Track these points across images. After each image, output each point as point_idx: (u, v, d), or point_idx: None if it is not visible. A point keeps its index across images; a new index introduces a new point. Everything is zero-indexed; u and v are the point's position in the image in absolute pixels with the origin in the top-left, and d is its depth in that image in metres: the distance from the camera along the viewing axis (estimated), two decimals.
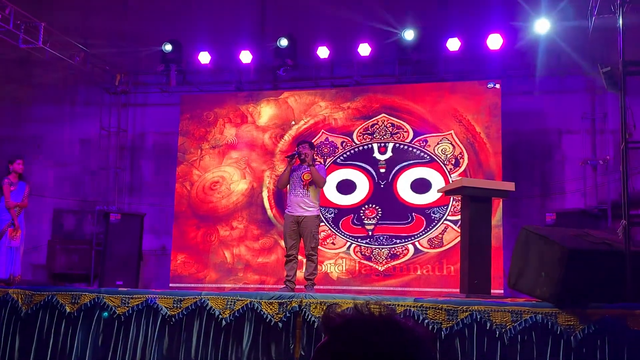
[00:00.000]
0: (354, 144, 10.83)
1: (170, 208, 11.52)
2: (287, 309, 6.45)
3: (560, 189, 10.56)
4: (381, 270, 10.35)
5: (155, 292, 7.23)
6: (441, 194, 9.00)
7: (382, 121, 10.76)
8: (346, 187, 10.75)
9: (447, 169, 10.37)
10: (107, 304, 6.96)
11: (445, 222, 10.23)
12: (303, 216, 7.85)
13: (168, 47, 11.62)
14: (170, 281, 11.00)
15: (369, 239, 10.50)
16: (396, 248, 10.34)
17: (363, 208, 10.61)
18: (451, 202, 10.13)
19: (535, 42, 10.25)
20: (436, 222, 10.27)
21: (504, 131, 10.29)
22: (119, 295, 7.01)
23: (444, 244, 10.19)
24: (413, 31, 10.64)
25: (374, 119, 10.81)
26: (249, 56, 11.36)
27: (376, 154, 10.72)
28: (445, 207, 10.24)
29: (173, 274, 11.10)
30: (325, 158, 10.78)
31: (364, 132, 10.83)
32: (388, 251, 10.37)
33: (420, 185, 10.44)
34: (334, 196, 10.71)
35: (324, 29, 11.28)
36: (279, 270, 9.67)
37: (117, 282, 9.66)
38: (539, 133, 10.74)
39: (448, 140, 10.45)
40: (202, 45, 11.56)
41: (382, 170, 10.64)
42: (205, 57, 11.53)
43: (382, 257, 10.37)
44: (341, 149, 10.86)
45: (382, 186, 10.59)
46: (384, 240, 10.42)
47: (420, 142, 10.55)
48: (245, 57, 11.36)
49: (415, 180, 10.49)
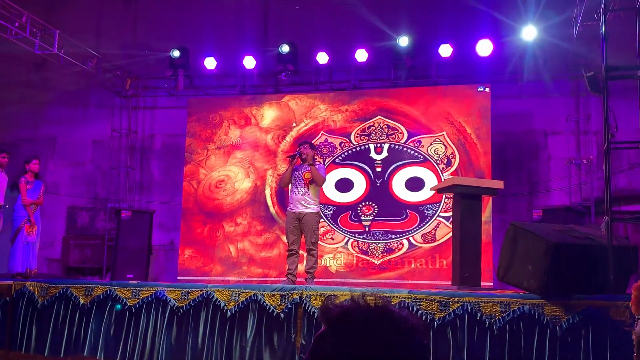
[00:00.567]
0: (352, 145, 10.82)
1: (178, 205, 11.52)
2: (288, 301, 6.45)
3: (546, 187, 10.56)
4: (377, 264, 10.34)
5: (164, 284, 7.24)
6: (434, 191, 9.01)
7: (378, 123, 10.76)
8: (344, 185, 10.74)
9: (439, 168, 10.36)
10: (118, 296, 6.96)
11: (437, 218, 10.23)
12: (304, 213, 7.84)
13: (176, 53, 11.62)
14: (178, 274, 10.99)
15: (365, 235, 10.49)
16: (391, 243, 10.34)
17: (360, 205, 10.61)
18: (443, 200, 10.12)
19: (522, 48, 10.25)
20: (429, 218, 10.26)
21: (493, 132, 10.28)
22: (129, 288, 7.02)
23: (437, 239, 10.18)
24: (407, 38, 10.63)
25: (370, 120, 10.80)
26: (252, 62, 11.35)
27: (373, 154, 10.71)
28: (438, 204, 10.23)
29: (181, 268, 11.09)
30: (325, 158, 10.78)
31: (361, 134, 10.82)
32: (384, 246, 10.36)
33: (414, 184, 10.43)
34: (333, 194, 10.71)
35: (323, 36, 11.27)
36: (281, 264, 9.66)
37: (128, 275, 9.65)
38: (526, 134, 10.74)
39: (440, 141, 10.44)
40: (208, 51, 11.55)
41: (378, 169, 10.63)
42: (211, 63, 11.53)
43: (379, 251, 10.36)
44: (340, 150, 10.86)
45: (378, 184, 10.58)
46: (380, 235, 10.42)
47: (414, 142, 10.55)
48: (249, 62, 11.35)
49: (409, 178, 10.48)
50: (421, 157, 10.48)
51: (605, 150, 6.19)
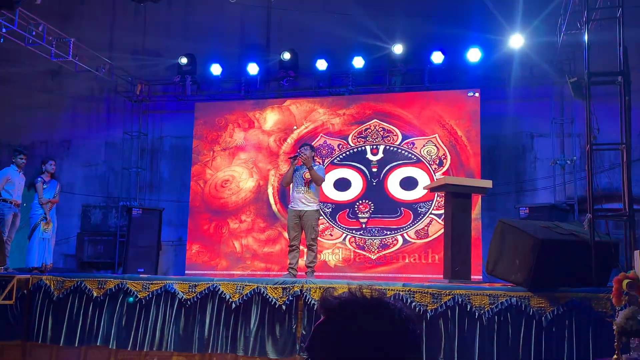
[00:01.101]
0: (349, 146, 10.82)
1: (186, 203, 11.51)
2: (290, 293, 6.46)
3: (533, 186, 10.56)
4: (373, 258, 10.35)
5: (172, 278, 7.24)
6: (427, 190, 9.02)
7: (374, 126, 10.76)
8: (342, 184, 10.74)
9: (432, 169, 10.36)
10: (129, 288, 6.96)
11: (430, 215, 10.23)
12: (304, 211, 7.85)
13: (183, 60, 11.62)
14: (185, 268, 11.00)
15: (362, 231, 10.50)
16: (387, 239, 10.34)
17: (357, 203, 10.61)
18: (436, 198, 10.12)
19: (510, 56, 10.26)
20: (422, 215, 10.27)
21: (482, 135, 10.28)
22: (140, 281, 7.02)
23: (429, 235, 10.18)
24: (401, 46, 10.64)
25: (367, 124, 10.80)
26: (255, 68, 11.36)
27: (369, 155, 10.71)
28: (431, 203, 10.24)
29: (188, 262, 11.09)
30: (324, 159, 10.78)
31: (358, 136, 10.82)
32: (379, 242, 10.36)
33: (408, 183, 10.43)
34: (332, 193, 10.71)
35: (322, 44, 11.27)
36: (283, 259, 9.66)
37: (139, 270, 9.65)
38: (513, 136, 10.73)
39: (433, 143, 10.45)
40: (214, 58, 11.56)
41: (374, 169, 10.63)
42: (216, 69, 11.53)
43: (374, 247, 10.37)
44: (338, 151, 10.86)
45: (374, 184, 10.59)
46: (376, 231, 10.42)
47: (408, 144, 10.55)
48: (252, 68, 11.35)
49: (403, 178, 10.48)
50: (414, 158, 10.48)
51: (587, 151, 6.20)
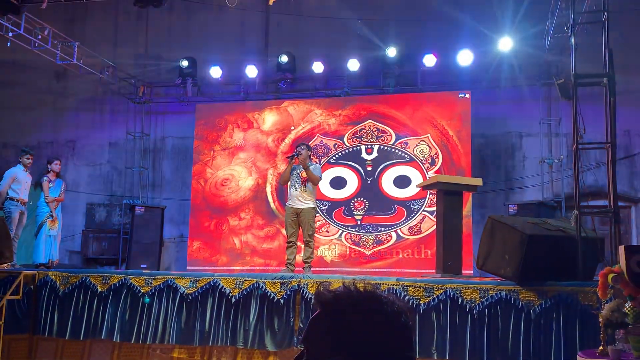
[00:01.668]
0: (345, 146, 10.82)
1: (187, 201, 11.51)
2: (287, 288, 6.45)
3: (521, 184, 10.58)
4: (368, 254, 10.35)
5: (174, 273, 7.23)
6: (419, 188, 9.03)
7: (369, 126, 10.76)
8: (338, 183, 10.74)
9: (424, 167, 10.37)
10: (133, 284, 6.95)
11: (423, 212, 10.24)
12: (302, 208, 7.84)
13: (184, 63, 11.60)
14: (187, 264, 10.99)
15: (357, 228, 10.50)
16: (381, 235, 10.35)
17: (353, 201, 10.61)
18: (428, 196, 10.13)
19: (499, 58, 10.26)
20: (415, 212, 10.27)
21: (473, 134, 10.30)
22: (143, 277, 7.00)
23: (422, 231, 10.19)
24: (395, 49, 10.63)
25: (362, 124, 10.80)
26: (254, 70, 11.34)
27: (364, 154, 10.71)
28: (423, 200, 10.24)
29: (190, 258, 11.09)
30: (320, 158, 10.77)
31: (354, 136, 10.82)
32: (374, 238, 10.37)
33: (402, 181, 10.44)
34: (328, 191, 10.71)
35: (318, 48, 11.26)
36: (281, 255, 9.66)
37: (142, 265, 9.63)
38: (503, 136, 10.75)
39: (425, 143, 10.45)
40: (214, 61, 11.54)
41: (369, 168, 10.64)
42: (216, 72, 11.51)
43: (369, 243, 10.37)
44: (334, 150, 10.85)
45: (369, 182, 10.59)
46: (371, 228, 10.42)
47: (402, 144, 10.55)
48: (251, 71, 11.34)
49: (397, 176, 10.49)
50: (408, 157, 10.49)
51: (574, 150, 6.20)
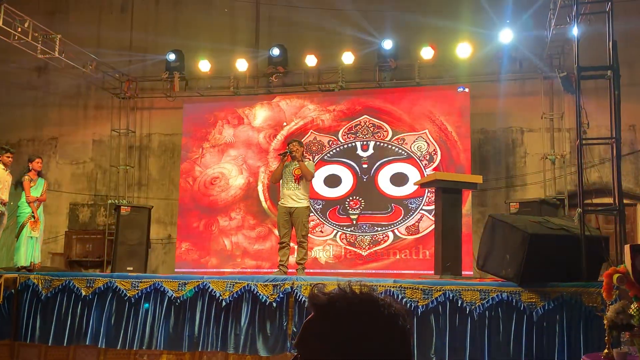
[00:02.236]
0: (340, 143, 10.82)
1: (175, 201, 11.49)
2: (280, 290, 6.45)
3: (523, 181, 10.60)
4: (364, 255, 10.36)
5: (162, 276, 7.22)
6: (417, 186, 9.02)
7: (364, 122, 10.76)
8: (332, 181, 10.74)
9: (422, 164, 10.38)
10: (118, 287, 6.93)
11: (421, 211, 10.25)
12: (295, 207, 7.83)
13: (171, 56, 11.56)
14: (175, 266, 10.97)
15: (353, 227, 10.50)
16: (377, 235, 10.35)
17: (348, 200, 10.61)
18: (426, 194, 10.14)
19: (500, 50, 10.27)
20: (413, 211, 10.28)
21: (472, 130, 10.31)
22: (129, 280, 6.99)
23: (420, 231, 10.20)
24: (391, 41, 10.63)
25: (357, 120, 10.80)
26: (244, 64, 11.31)
27: (359, 151, 10.71)
28: (421, 198, 10.25)
29: (178, 260, 11.07)
30: (314, 155, 10.76)
31: (348, 132, 10.82)
32: (370, 238, 10.37)
33: (399, 179, 10.45)
34: (322, 189, 10.70)
35: (311, 40, 11.25)
36: (273, 256, 9.64)
37: (128, 268, 9.60)
38: (503, 131, 10.76)
39: (423, 139, 10.46)
40: (203, 54, 11.50)
41: (365, 165, 10.64)
42: (205, 65, 11.48)
43: (365, 243, 10.37)
44: (328, 147, 10.85)
45: (365, 180, 10.59)
46: (367, 228, 10.43)
47: (399, 140, 10.56)
48: (241, 65, 11.31)
49: (394, 174, 10.49)
50: (405, 154, 10.49)
51: (577, 146, 6.22)
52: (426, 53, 10.53)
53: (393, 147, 10.56)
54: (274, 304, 6.42)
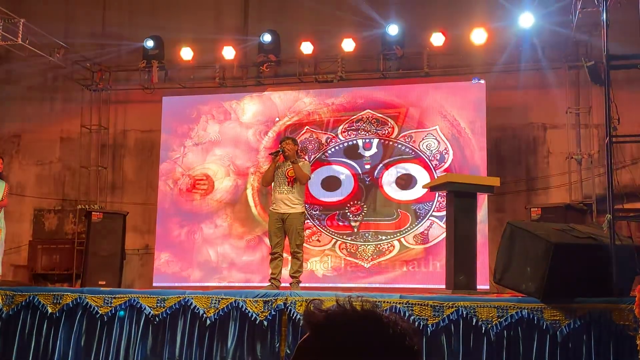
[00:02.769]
0: (339, 140, 10.83)
1: (153, 206, 11.47)
2: (272, 307, 6.45)
3: (545, 184, 10.61)
4: (367, 267, 10.36)
5: (138, 291, 7.21)
6: (426, 189, 9.04)
7: (367, 117, 10.77)
8: (331, 183, 10.74)
9: (432, 165, 10.39)
10: (89, 304, 6.92)
11: (430, 218, 10.26)
12: (288, 213, 7.84)
13: (149, 43, 11.56)
14: (153, 280, 10.95)
15: (354, 236, 10.51)
16: (382, 244, 10.36)
17: (348, 205, 10.62)
18: (436, 198, 10.14)
19: (519, 37, 10.29)
20: (421, 218, 10.29)
21: (488, 126, 10.32)
22: (101, 295, 6.98)
23: (430, 240, 10.21)
24: (397, 26, 10.63)
25: (358, 114, 10.81)
26: (231, 52, 11.31)
27: (361, 150, 10.72)
28: (431, 203, 10.26)
29: (156, 273, 11.06)
30: (310, 154, 10.77)
31: (349, 128, 10.83)
32: (374, 248, 10.38)
33: (406, 181, 10.46)
34: (319, 193, 10.71)
35: (307, 24, 11.26)
36: (264, 269, 9.65)
37: (100, 282, 9.60)
38: (523, 128, 10.78)
39: (433, 136, 10.47)
40: (185, 41, 11.50)
41: (367, 166, 10.65)
42: (187, 53, 11.47)
43: (368, 253, 10.38)
44: (326, 145, 10.86)
45: (367, 182, 10.60)
46: (370, 236, 10.44)
47: (405, 137, 10.57)
48: (228, 53, 11.31)
49: (400, 176, 10.50)
50: (413, 153, 10.51)
51: (607, 144, 6.23)
52: (436, 39, 10.55)
53: (399, 146, 10.57)
54: (265, 323, 6.42)
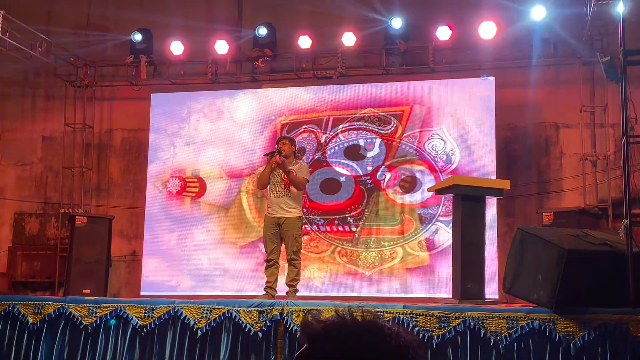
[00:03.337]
0: (339, 140, 10.83)
1: (141, 210, 11.47)
2: (267, 318, 6.45)
3: (558, 187, 10.62)
4: (368, 275, 10.36)
5: (125, 300, 7.21)
6: (432, 193, 9.04)
7: (369, 115, 10.78)
8: (330, 186, 10.74)
9: (438, 166, 10.40)
10: (72, 314, 6.92)
11: (436, 223, 10.26)
12: (284, 218, 7.84)
13: (138, 37, 11.57)
14: (141, 289, 10.95)
15: (355, 242, 10.51)
16: (384, 251, 10.36)
17: (349, 209, 10.62)
18: (442, 202, 10.15)
19: (530, 31, 10.31)
20: (427, 223, 10.30)
21: (497, 126, 10.33)
22: (85, 305, 6.97)
23: (435, 246, 10.21)
24: (401, 19, 10.66)
25: (360, 113, 10.82)
26: (225, 46, 11.32)
27: (362, 151, 10.73)
28: (437, 207, 10.27)
29: (144, 281, 11.05)
30: (308, 155, 10.78)
31: (349, 127, 10.83)
32: (375, 254, 10.38)
33: (410, 184, 10.46)
34: (318, 196, 10.71)
35: (305, 17, 11.27)
36: (259, 277, 9.65)
37: (84, 291, 9.60)
38: (535, 127, 10.79)
39: (439, 136, 10.48)
40: (175, 34, 11.51)
41: (369, 167, 10.65)
42: (177, 47, 11.48)
43: (369, 261, 10.38)
44: (325, 146, 10.86)
45: (369, 185, 10.60)
46: (371, 242, 10.44)
47: (409, 137, 10.58)
48: (221, 47, 11.32)
49: (404, 178, 10.51)
50: (417, 153, 10.52)
51: (623, 145, 6.23)
52: (442, 33, 10.56)
53: (403, 146, 10.58)
54: (260, 334, 6.42)
